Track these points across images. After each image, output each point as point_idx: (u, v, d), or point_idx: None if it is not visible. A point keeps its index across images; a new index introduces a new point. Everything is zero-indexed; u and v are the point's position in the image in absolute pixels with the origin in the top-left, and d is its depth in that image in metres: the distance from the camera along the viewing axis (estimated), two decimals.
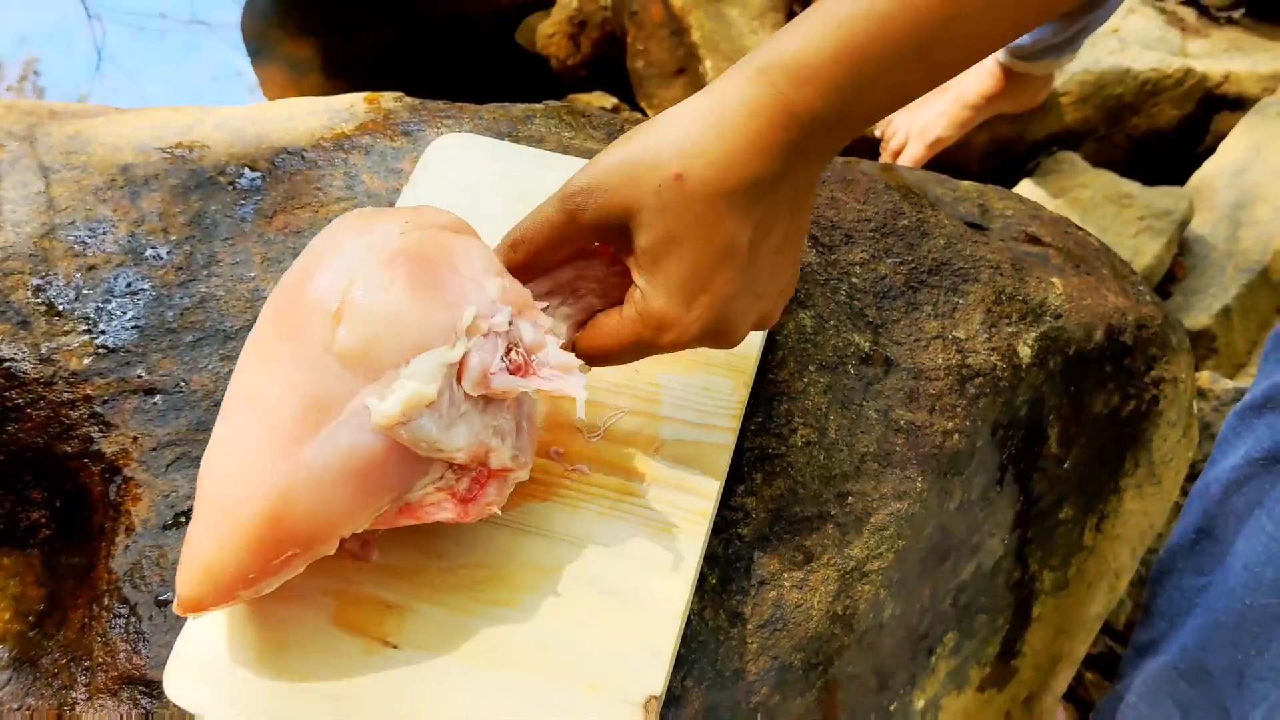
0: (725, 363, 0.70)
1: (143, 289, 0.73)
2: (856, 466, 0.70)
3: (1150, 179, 1.73)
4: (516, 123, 0.83)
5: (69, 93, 2.07)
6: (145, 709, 0.61)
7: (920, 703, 0.83)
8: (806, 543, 0.67)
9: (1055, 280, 0.80)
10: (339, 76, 2.00)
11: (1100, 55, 1.79)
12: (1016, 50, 1.54)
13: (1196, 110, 1.85)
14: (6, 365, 0.70)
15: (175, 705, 0.58)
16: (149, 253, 0.74)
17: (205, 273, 0.74)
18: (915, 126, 1.66)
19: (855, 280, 0.77)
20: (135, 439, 0.68)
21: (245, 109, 0.86)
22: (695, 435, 0.67)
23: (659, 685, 0.58)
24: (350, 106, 0.85)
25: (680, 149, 0.55)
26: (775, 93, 0.55)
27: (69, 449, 0.69)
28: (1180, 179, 1.79)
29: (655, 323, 0.58)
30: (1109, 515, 0.92)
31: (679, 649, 0.62)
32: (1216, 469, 0.85)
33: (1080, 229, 0.90)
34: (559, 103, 0.88)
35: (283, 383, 0.55)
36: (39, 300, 0.72)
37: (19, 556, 0.71)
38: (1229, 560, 0.83)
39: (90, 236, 0.75)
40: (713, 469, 0.66)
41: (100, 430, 0.69)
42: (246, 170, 0.79)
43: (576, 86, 1.81)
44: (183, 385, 0.70)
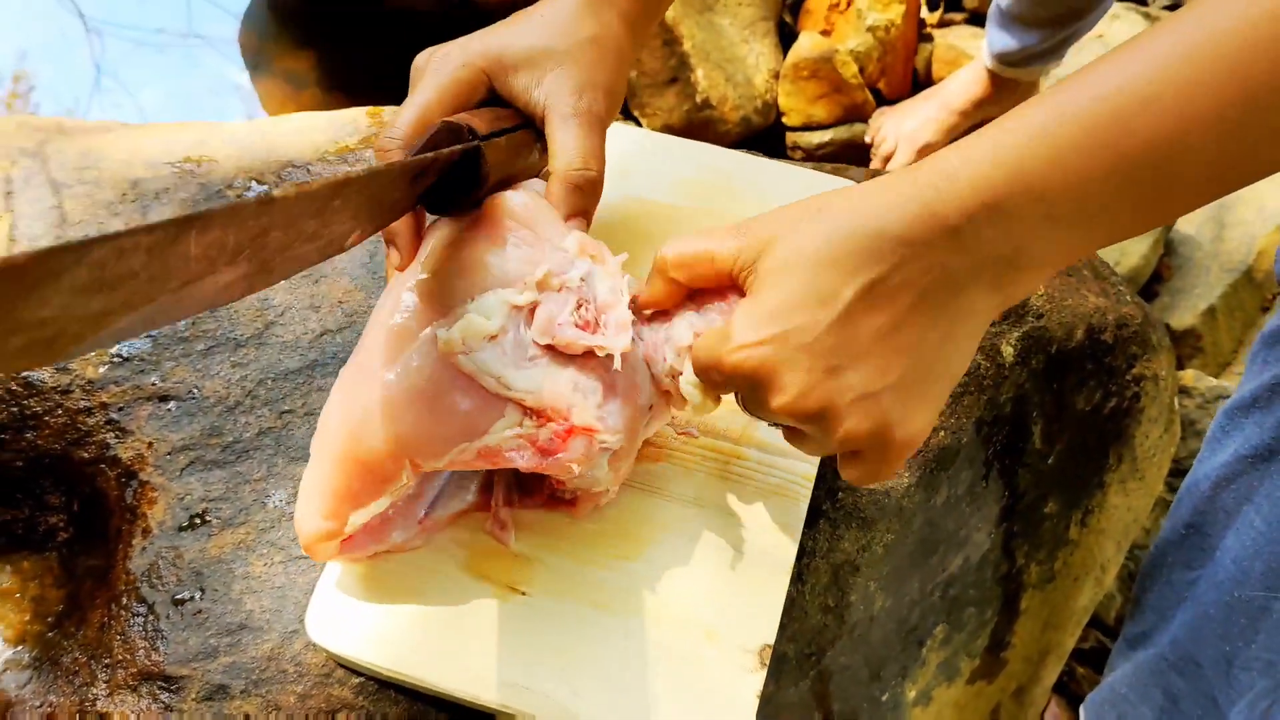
0: None
1: None
2: None
3: None
4: None
5: (69, 106, 2.09)
6: (165, 703, 0.63)
7: (912, 693, 0.85)
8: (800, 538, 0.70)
9: None
10: (336, 89, 2.02)
11: (1086, 61, 1.82)
12: (1003, 56, 1.57)
13: None
14: (24, 375, 0.72)
15: (320, 647, 0.62)
16: None
17: None
18: (904, 132, 1.69)
19: None
20: (150, 444, 0.71)
21: (252, 124, 0.89)
22: None
23: (771, 634, 0.63)
24: (353, 120, 0.88)
25: (833, 193, 0.53)
26: (941, 163, 0.51)
27: (86, 454, 0.71)
28: None
29: (726, 331, 0.54)
30: (1094, 510, 0.95)
31: None
32: (1206, 466, 0.87)
33: None
34: None
35: (377, 324, 0.60)
36: None
37: (38, 559, 0.74)
38: (1218, 555, 0.85)
39: None
40: None
41: (116, 436, 0.71)
42: (254, 184, 0.82)
43: None
44: (195, 392, 0.72)
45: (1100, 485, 0.94)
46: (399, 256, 0.62)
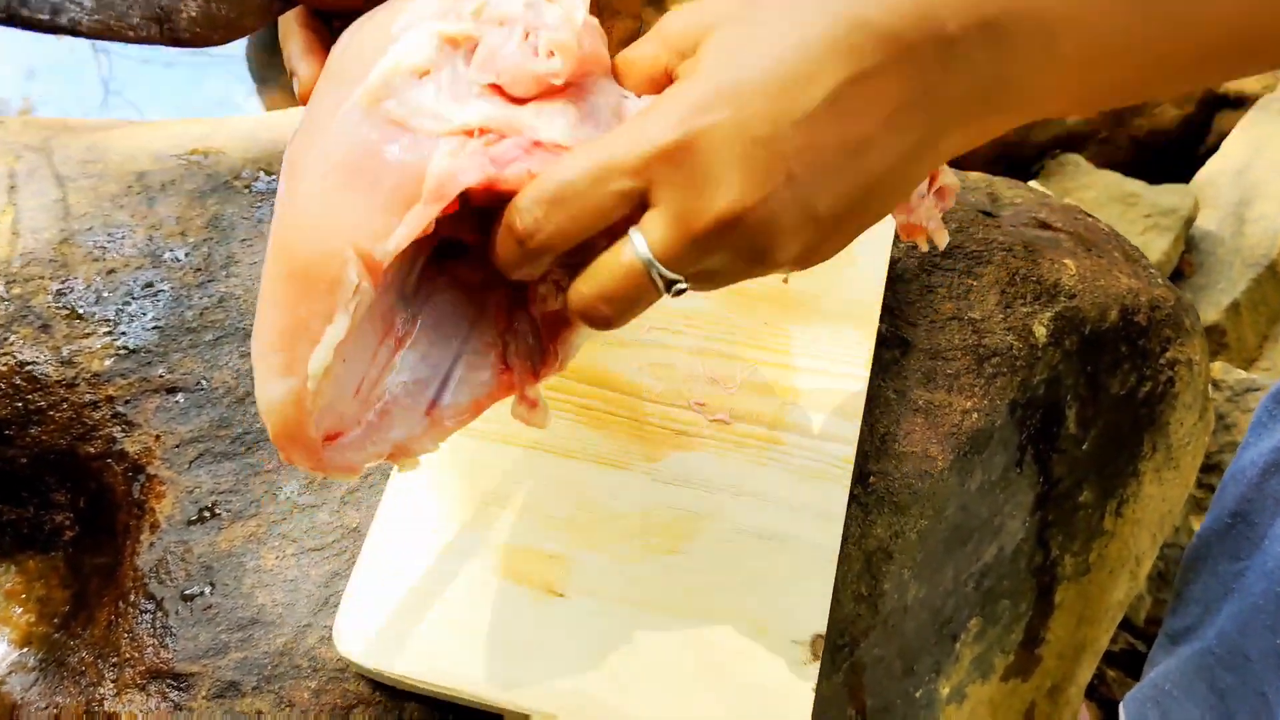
0: (848, 313, 0.72)
1: (162, 290, 0.73)
2: (877, 447, 0.70)
3: (1154, 179, 1.74)
4: None
5: None
6: (174, 702, 0.61)
7: (945, 690, 0.82)
8: (843, 522, 0.67)
9: (1068, 262, 0.81)
10: None
11: None
12: None
13: (1198, 110, 1.86)
14: (28, 369, 0.70)
15: (350, 661, 0.59)
16: (167, 255, 0.75)
17: (224, 273, 0.74)
18: None
19: None
20: (158, 437, 0.68)
21: (258, 117, 0.87)
22: (830, 383, 0.69)
23: (822, 624, 0.60)
24: None
25: None
26: None
27: (92, 449, 0.69)
28: (1184, 178, 1.79)
29: (646, 111, 0.44)
30: (1129, 499, 0.92)
31: None
32: (1251, 452, 0.85)
33: (1090, 215, 0.91)
34: None
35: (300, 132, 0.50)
36: (60, 304, 0.72)
37: (43, 559, 0.72)
38: (1266, 544, 0.82)
39: (109, 241, 0.75)
40: (851, 415, 0.68)
41: (123, 430, 0.69)
42: (262, 174, 0.80)
43: None
44: (204, 383, 0.70)
45: (1135, 474, 0.91)
46: (305, 70, 0.52)
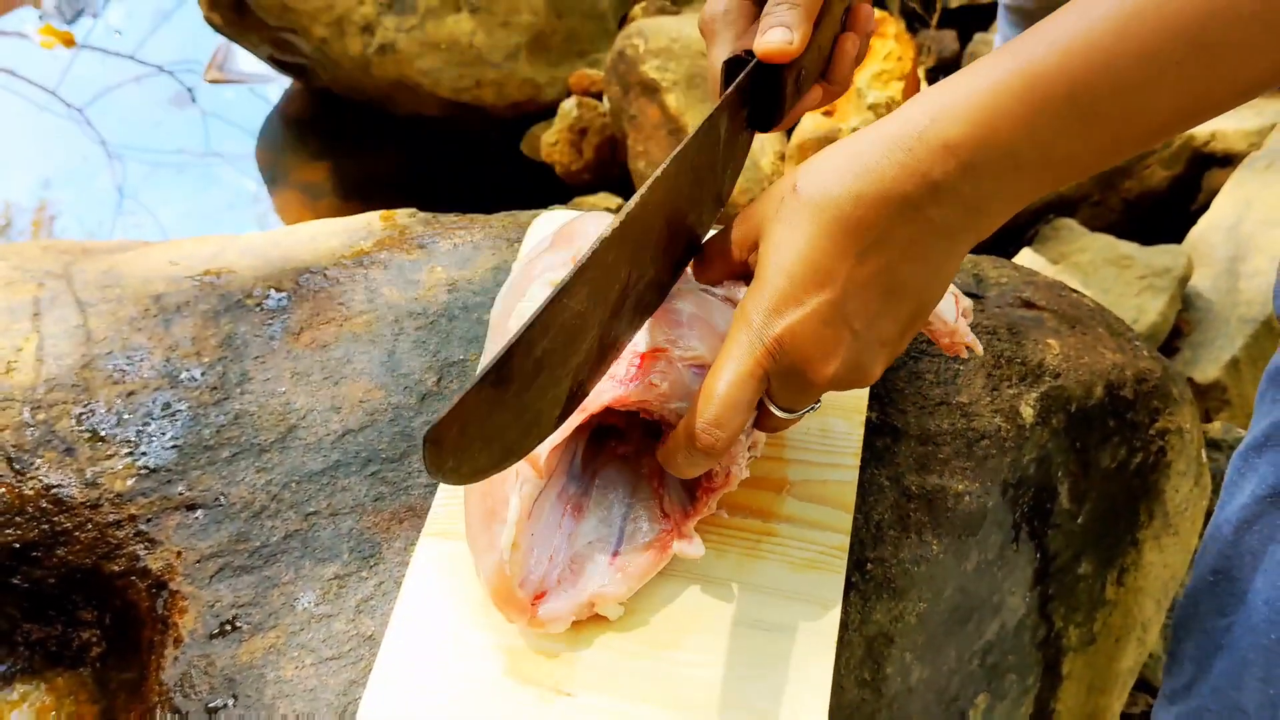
0: (839, 404, 0.75)
1: (180, 410, 0.76)
2: (873, 534, 0.72)
3: (1147, 239, 1.77)
4: (524, 228, 0.87)
5: (91, 229, 2.14)
6: None
7: None
8: (840, 610, 0.69)
9: (1052, 341, 0.83)
10: (352, 197, 2.06)
11: None
12: None
13: (1186, 169, 1.89)
14: (54, 491, 0.73)
15: None
16: (184, 375, 0.78)
17: (238, 390, 0.77)
18: None
19: None
20: (179, 553, 0.71)
21: (268, 234, 0.91)
22: (821, 474, 0.71)
23: (823, 712, 0.62)
24: (368, 224, 0.90)
25: (809, 165, 0.56)
26: (905, 119, 0.54)
27: (116, 567, 0.72)
28: (1176, 237, 1.82)
29: (742, 324, 0.57)
30: (1129, 568, 0.94)
31: None
32: (1226, 511, 0.86)
33: (1075, 291, 0.94)
34: (564, 207, 0.93)
35: None
36: (82, 428, 0.76)
37: (72, 676, 0.74)
38: (1250, 598, 0.84)
39: (128, 364, 0.79)
40: (842, 504, 0.70)
41: (145, 547, 0.72)
42: (273, 291, 0.83)
43: (581, 190, 1.87)
44: (222, 499, 0.73)
45: (1134, 543, 0.93)
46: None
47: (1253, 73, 0.51)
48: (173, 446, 0.75)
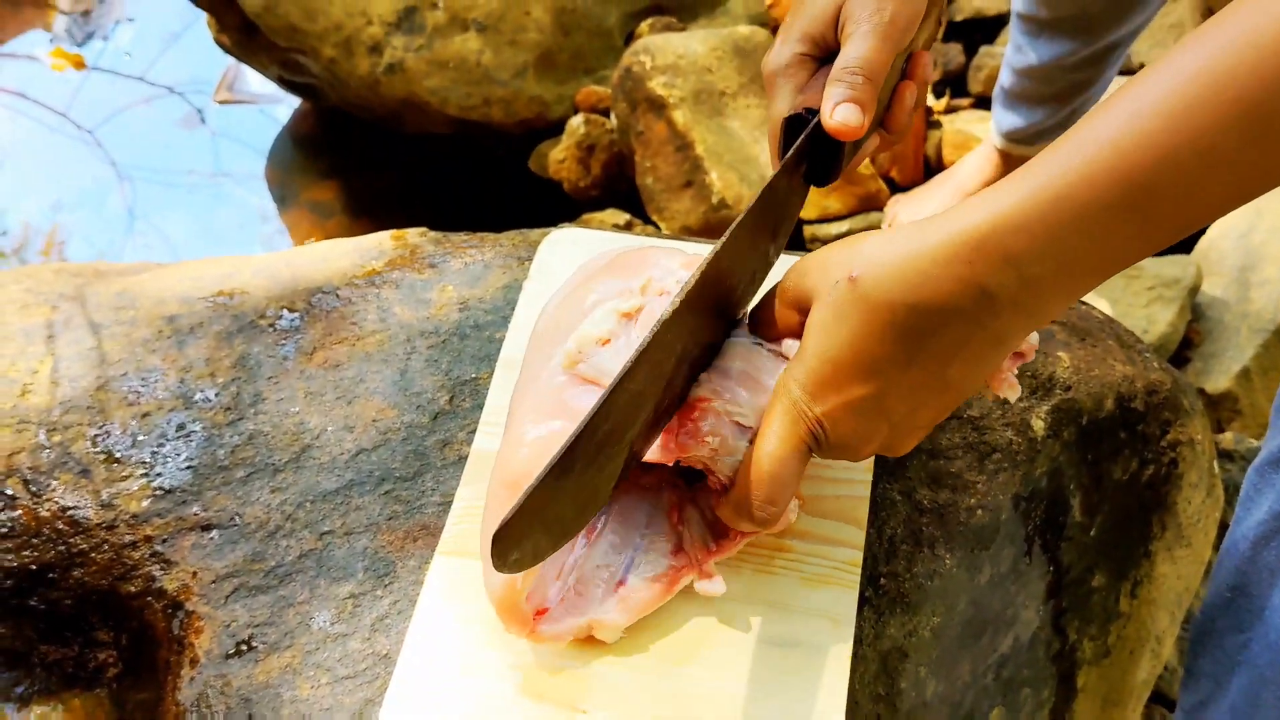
0: None
1: (194, 431, 0.77)
2: (886, 549, 0.72)
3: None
4: (535, 246, 0.88)
5: (102, 249, 2.15)
6: None
7: None
8: (854, 626, 0.69)
9: (1062, 354, 0.83)
10: (362, 216, 2.07)
11: None
12: (1012, 135, 1.59)
13: None
14: (70, 513, 0.74)
15: None
16: (198, 396, 0.79)
17: (252, 411, 0.78)
18: (919, 218, 1.71)
19: None
20: (195, 574, 0.72)
21: (281, 254, 0.91)
22: (834, 490, 0.72)
23: None
24: (379, 244, 0.90)
25: (868, 255, 0.56)
26: (967, 224, 0.53)
27: (132, 588, 0.72)
28: (1184, 247, 1.82)
29: (785, 399, 0.59)
30: (1142, 580, 0.94)
31: None
32: (1242, 526, 0.86)
33: (1083, 303, 0.94)
34: (573, 224, 0.93)
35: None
36: (98, 449, 0.76)
37: (89, 697, 0.74)
38: (1267, 614, 0.83)
39: (142, 385, 0.79)
40: (855, 520, 0.70)
41: (161, 568, 0.72)
42: (285, 312, 0.84)
43: (589, 206, 1.87)
44: (237, 519, 0.73)
45: (1147, 555, 0.93)
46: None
47: None
48: (187, 467, 0.75)
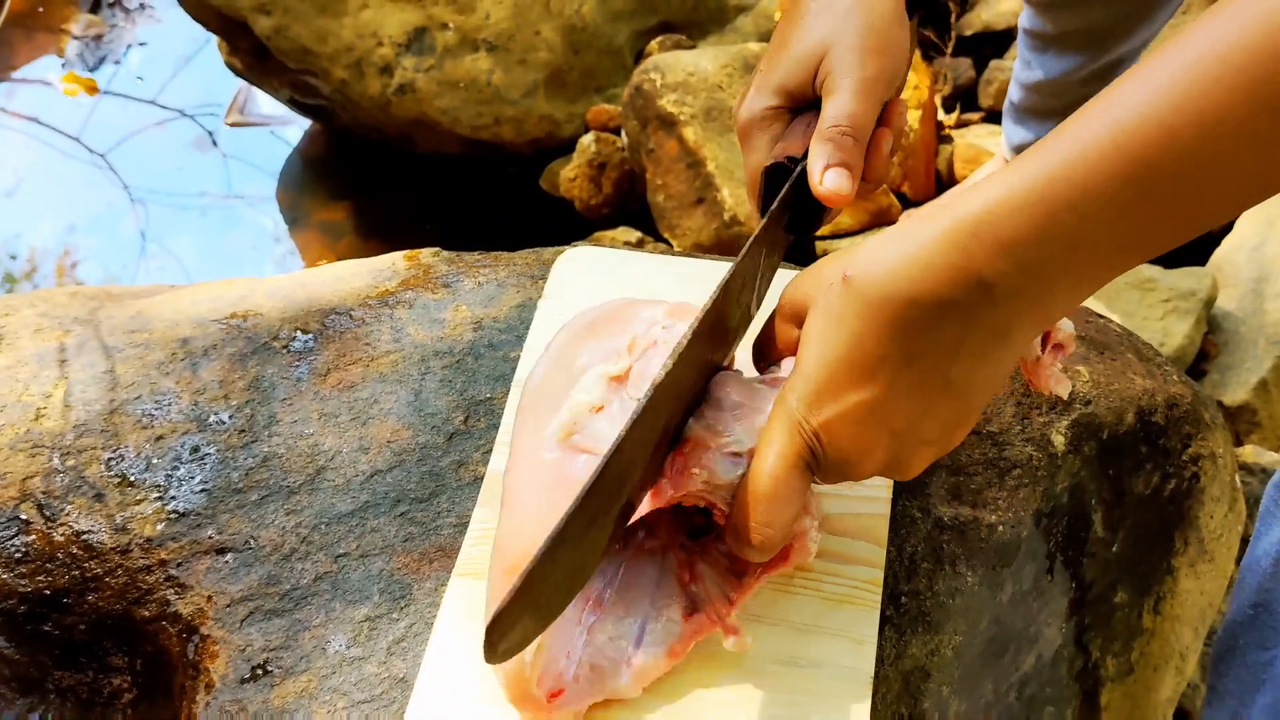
0: None
1: (208, 453, 0.77)
2: (907, 567, 0.71)
3: (1170, 263, 1.76)
4: (548, 265, 0.88)
5: (114, 273, 2.16)
6: None
7: None
8: (876, 647, 0.68)
9: (1080, 369, 0.83)
10: (372, 237, 2.07)
11: None
12: (1023, 149, 1.58)
13: None
14: (85, 538, 0.73)
15: None
16: (212, 419, 0.78)
17: (266, 433, 0.78)
18: None
19: None
20: (210, 598, 0.71)
21: (294, 276, 0.91)
22: (854, 507, 0.70)
23: None
24: (392, 265, 0.90)
25: (861, 254, 0.54)
26: (961, 212, 0.51)
27: (147, 613, 0.72)
28: (1200, 260, 1.81)
29: (782, 412, 0.57)
30: (1165, 596, 0.92)
31: None
32: (1264, 542, 0.85)
33: (1101, 316, 0.93)
34: (585, 242, 0.93)
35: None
36: (112, 473, 0.76)
37: None
38: None
39: (156, 409, 0.79)
40: (875, 537, 0.69)
41: (176, 592, 0.72)
42: (299, 333, 0.83)
43: (601, 224, 1.87)
44: (252, 542, 0.73)
45: (1169, 570, 0.92)
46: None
47: None
48: (202, 490, 0.75)
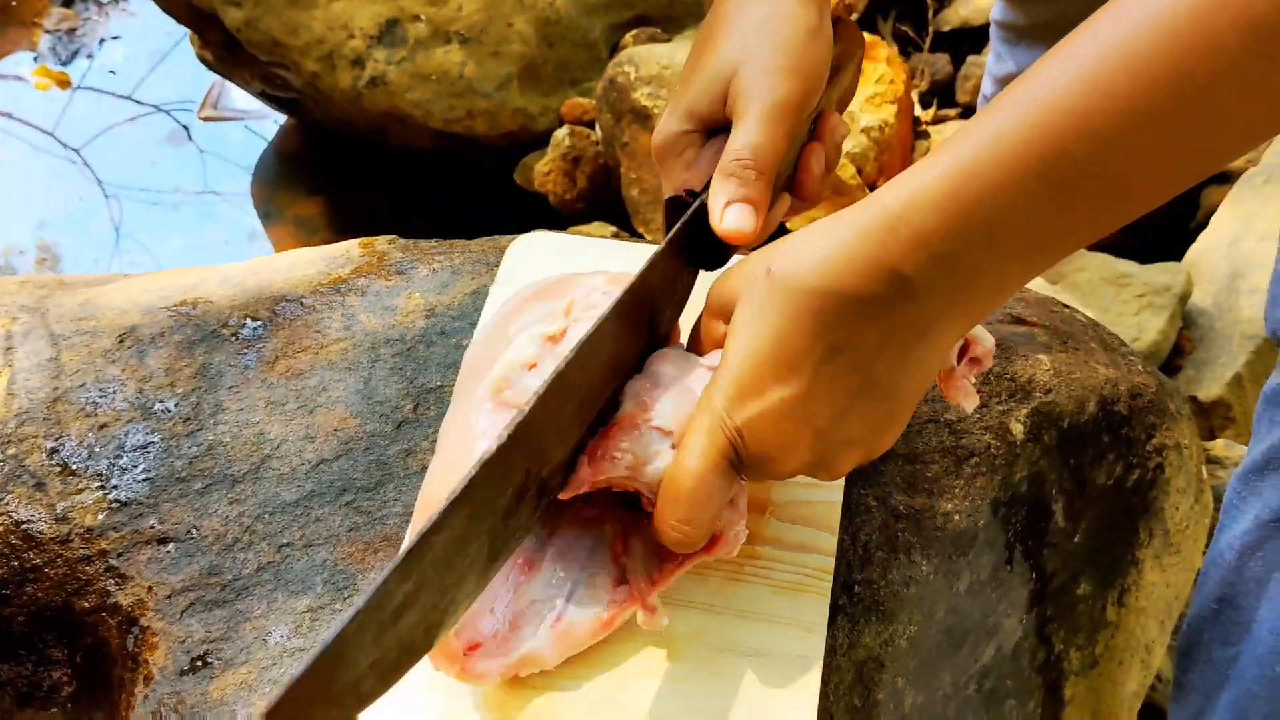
0: None
1: (152, 442, 0.75)
2: (860, 556, 0.70)
3: (1145, 259, 1.75)
4: (504, 252, 0.86)
5: (91, 268, 2.14)
6: None
7: None
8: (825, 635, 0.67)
9: (1042, 357, 0.82)
10: (345, 231, 2.05)
11: None
12: None
13: None
14: (24, 527, 0.72)
15: None
16: (157, 407, 0.77)
17: (212, 421, 0.76)
18: None
19: None
20: (150, 588, 0.70)
21: (248, 263, 0.90)
22: (805, 495, 0.69)
23: None
24: (346, 252, 0.89)
25: (786, 247, 0.53)
26: (881, 207, 0.50)
27: (86, 604, 0.70)
28: (1175, 256, 1.81)
29: (706, 409, 0.55)
30: (1130, 589, 0.92)
31: None
32: (1227, 535, 0.84)
33: (1067, 307, 0.92)
34: (551, 231, 0.91)
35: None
36: (53, 461, 0.74)
37: (43, 717, 0.72)
38: (1255, 628, 0.82)
39: (100, 396, 0.77)
40: (827, 525, 0.68)
41: (116, 583, 0.70)
42: (249, 320, 0.82)
43: (575, 219, 1.86)
44: (194, 532, 0.71)
45: (1134, 562, 0.91)
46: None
47: (1249, 117, 0.46)
48: (144, 479, 0.74)
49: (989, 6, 2.05)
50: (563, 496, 0.60)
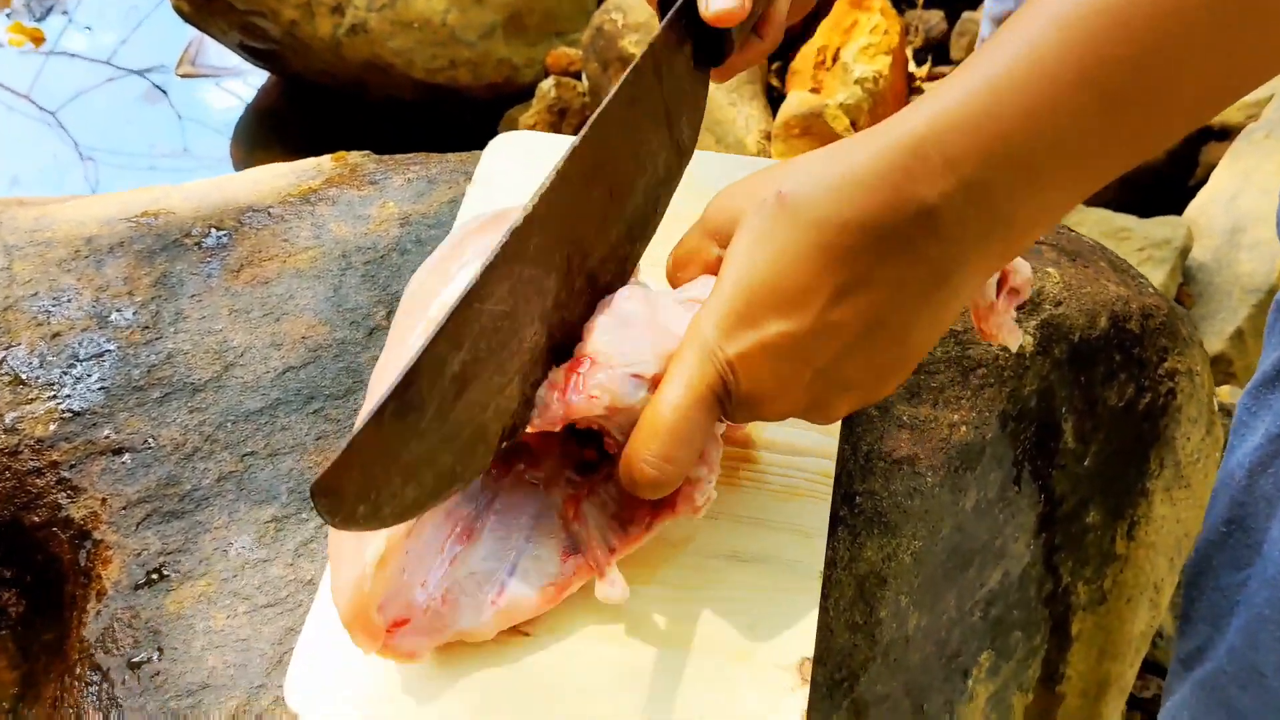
0: None
1: (108, 350, 0.71)
2: (862, 465, 0.66)
3: (1145, 212, 1.72)
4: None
5: None
6: None
7: None
8: (825, 540, 0.63)
9: (1051, 270, 0.78)
10: None
11: None
12: None
13: (1183, 144, 1.84)
14: None
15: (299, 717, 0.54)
16: (114, 316, 0.72)
17: (172, 329, 0.72)
18: None
19: None
20: (104, 500, 0.65)
21: (212, 180, 0.85)
22: None
23: (808, 647, 0.56)
24: (317, 165, 0.84)
25: (800, 169, 0.48)
26: (904, 129, 0.45)
27: (37, 518, 0.66)
28: (1175, 212, 1.78)
29: (695, 338, 0.50)
30: (1140, 521, 0.88)
31: None
32: (1237, 454, 0.80)
33: (1072, 230, 0.88)
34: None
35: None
36: (2, 371, 0.70)
37: None
38: (1266, 549, 0.78)
39: (54, 305, 0.73)
40: (829, 429, 0.63)
41: (68, 496, 0.66)
42: (213, 230, 0.77)
43: None
44: (151, 441, 0.67)
45: (1144, 493, 0.87)
46: None
47: None
48: (99, 388, 0.69)
49: None
50: (531, 430, 0.54)
